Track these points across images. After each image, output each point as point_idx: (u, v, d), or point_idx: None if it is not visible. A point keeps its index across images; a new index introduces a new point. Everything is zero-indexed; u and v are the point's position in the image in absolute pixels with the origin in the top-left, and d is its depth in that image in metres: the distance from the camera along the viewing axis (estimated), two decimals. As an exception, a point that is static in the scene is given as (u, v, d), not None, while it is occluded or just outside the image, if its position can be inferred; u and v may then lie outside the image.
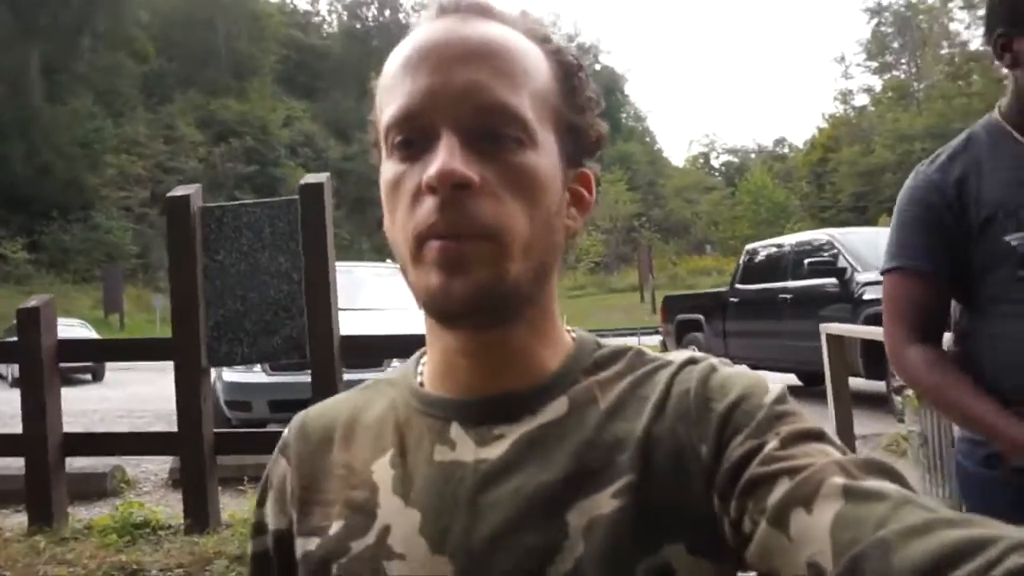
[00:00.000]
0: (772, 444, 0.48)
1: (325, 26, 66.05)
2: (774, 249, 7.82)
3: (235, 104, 49.22)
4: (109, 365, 13.46)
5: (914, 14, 52.77)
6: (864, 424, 5.02)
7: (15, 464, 4.44)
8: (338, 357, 3.37)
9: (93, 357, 9.52)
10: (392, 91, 0.55)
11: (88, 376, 13.60)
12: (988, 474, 1.31)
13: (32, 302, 3.48)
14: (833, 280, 6.27)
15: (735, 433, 0.50)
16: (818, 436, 0.49)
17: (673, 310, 8.96)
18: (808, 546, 0.42)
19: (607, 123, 0.61)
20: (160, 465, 4.61)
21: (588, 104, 0.59)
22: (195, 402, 3.35)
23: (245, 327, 3.40)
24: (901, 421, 4.51)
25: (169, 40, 50.30)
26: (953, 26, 49.92)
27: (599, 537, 0.50)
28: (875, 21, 55.20)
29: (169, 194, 3.51)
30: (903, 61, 55.03)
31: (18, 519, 3.65)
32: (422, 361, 0.64)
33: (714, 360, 0.57)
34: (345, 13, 66.43)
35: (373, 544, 0.55)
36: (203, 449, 3.33)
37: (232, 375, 5.34)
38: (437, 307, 0.53)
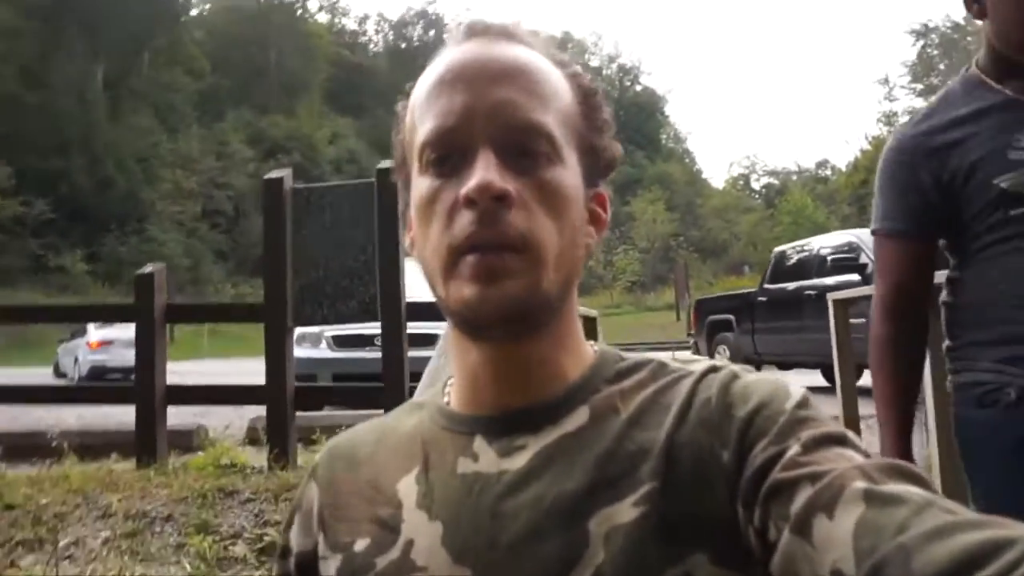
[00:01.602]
0: (794, 449, 0.48)
1: (371, 45, 67.94)
2: (801, 250, 8.22)
3: (284, 121, 50.89)
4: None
5: (961, 36, 52.38)
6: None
7: (118, 419, 5.06)
8: (404, 318, 3.91)
9: (197, 318, 10.51)
10: (426, 110, 0.58)
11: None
12: (984, 414, 1.30)
13: (148, 268, 4.10)
14: (855, 276, 6.64)
15: (757, 439, 0.50)
16: (840, 440, 0.49)
17: (704, 311, 9.38)
18: (831, 552, 0.42)
19: (648, 143, 0.78)
20: (238, 424, 5.19)
21: (605, 126, 0.62)
22: (280, 358, 3.91)
23: (326, 292, 3.96)
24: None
25: (223, 58, 52.29)
26: (1000, 47, 49.38)
27: (620, 546, 0.50)
28: (921, 43, 54.89)
29: (266, 176, 4.12)
30: (949, 83, 54.44)
31: (122, 465, 4.24)
32: (449, 382, 0.66)
33: (735, 368, 0.58)
34: (391, 33, 68.32)
35: (397, 559, 0.56)
36: (286, 399, 3.88)
37: (300, 351, 5.92)
38: (471, 316, 0.55)
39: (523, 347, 0.57)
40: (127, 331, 14.73)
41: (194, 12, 56.35)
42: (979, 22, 1.35)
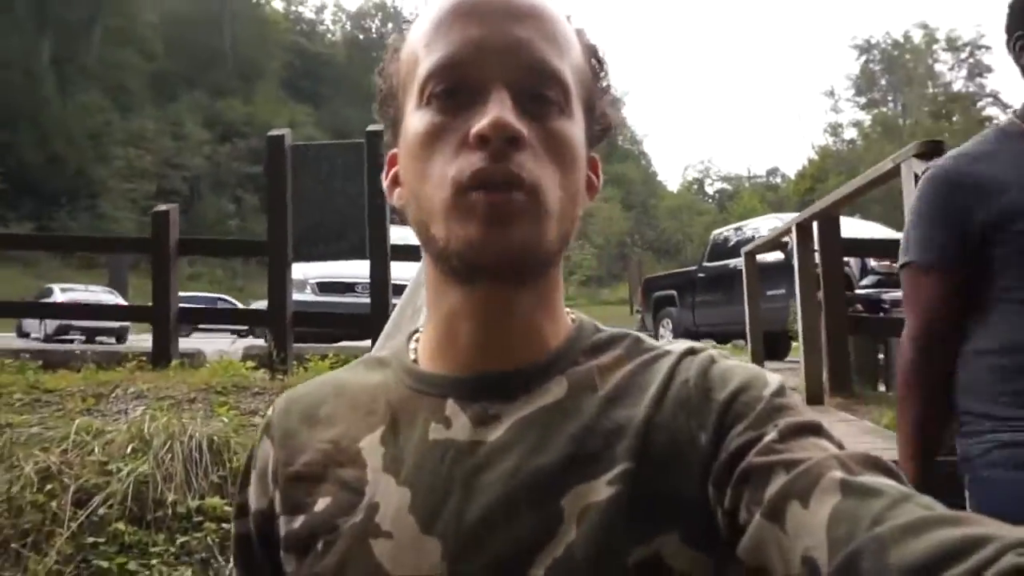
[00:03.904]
0: (771, 436, 0.48)
1: (329, 35, 67.69)
2: (734, 232, 9.16)
3: (240, 106, 50.49)
4: (133, 328, 14.47)
5: (900, 53, 54.96)
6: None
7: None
8: (389, 257, 4.60)
9: (208, 252, 11.18)
10: (435, 39, 0.54)
11: (112, 339, 14.62)
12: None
13: (162, 207, 4.70)
14: (780, 253, 7.53)
15: (735, 423, 0.50)
16: (816, 430, 0.49)
17: (650, 289, 10.27)
18: (803, 540, 0.42)
19: (604, 144, 0.62)
20: (233, 348, 5.81)
21: (607, 89, 0.61)
22: (282, 286, 4.58)
23: (321, 233, 4.62)
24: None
25: (176, 40, 51.53)
26: (937, 67, 52.13)
27: (592, 524, 0.49)
28: (863, 58, 57.48)
29: (269, 133, 4.75)
30: (890, 98, 57.11)
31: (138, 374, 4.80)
32: (415, 338, 0.64)
33: (713, 352, 0.57)
34: (349, 23, 68.15)
35: (360, 522, 0.54)
36: (286, 320, 4.54)
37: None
38: (473, 257, 0.52)
39: (510, 296, 0.55)
40: (91, 295, 15.01)
41: (148, -8, 55.44)
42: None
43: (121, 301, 15.32)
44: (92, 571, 2.34)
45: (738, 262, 8.37)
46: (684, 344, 0.59)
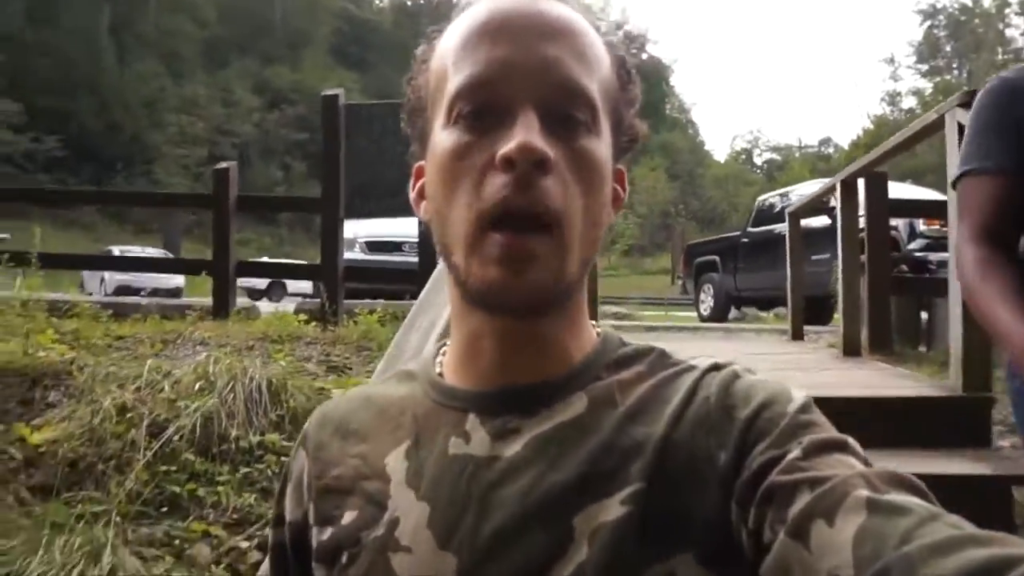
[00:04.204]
0: (795, 453, 0.47)
1: (376, 1, 67.76)
2: (780, 199, 9.05)
3: (288, 73, 51.04)
4: (187, 292, 15.02)
5: (969, 18, 52.62)
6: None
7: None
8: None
9: (266, 207, 12.14)
10: (463, 58, 0.54)
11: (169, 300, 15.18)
12: None
13: (222, 164, 4.91)
14: (826, 218, 7.44)
15: (757, 441, 0.50)
16: (842, 447, 0.48)
17: (693, 254, 10.26)
18: (829, 559, 0.41)
19: (652, 112, 1.04)
20: (287, 305, 6.06)
21: (635, 101, 0.61)
22: (335, 242, 4.75)
23: (373, 191, 4.77)
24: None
25: (228, 8, 52.18)
26: (1009, 32, 49.83)
27: (603, 544, 0.49)
28: (928, 23, 55.17)
29: (323, 93, 4.89)
30: (955, 65, 54.85)
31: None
32: (442, 351, 0.64)
33: (737, 367, 0.56)
34: (397, -11, 68.03)
35: (382, 536, 0.55)
36: (338, 274, 4.73)
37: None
38: (492, 300, 0.53)
39: (533, 326, 0.56)
40: (149, 254, 15.62)
41: (200, -40, 56.08)
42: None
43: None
44: (166, 495, 2.55)
45: (783, 227, 8.30)
46: (709, 360, 0.58)
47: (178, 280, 14.57)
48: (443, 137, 0.55)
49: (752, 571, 0.47)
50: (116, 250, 15.29)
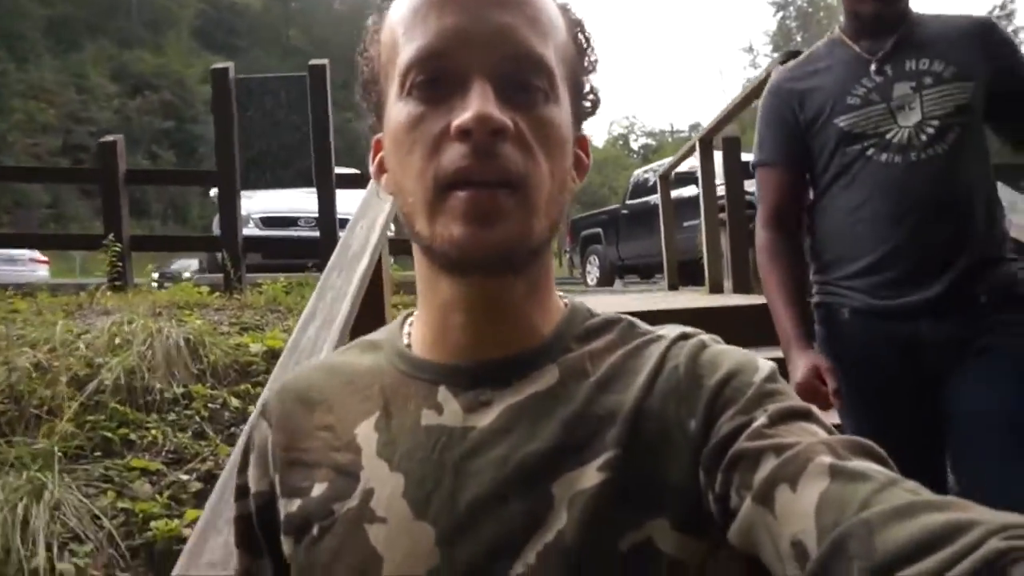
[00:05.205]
0: (761, 420, 0.48)
1: (241, -17, 64.86)
2: (653, 174, 9.74)
3: (150, 57, 48.12)
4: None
5: (815, 10, 56.81)
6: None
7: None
8: (334, 185, 4.91)
9: (155, 182, 11.79)
10: (413, 25, 0.53)
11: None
12: (823, 331, 1.54)
13: (109, 137, 4.85)
14: (694, 187, 8.13)
15: (725, 408, 0.51)
16: (805, 415, 0.50)
17: (578, 228, 10.85)
18: (793, 523, 0.43)
19: None
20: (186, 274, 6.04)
21: (593, 66, 0.60)
22: (233, 213, 4.83)
23: (268, 162, 4.88)
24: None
25: (76, -14, 48.53)
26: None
27: (582, 510, 0.50)
28: (780, 14, 59.16)
29: (212, 67, 4.94)
30: (805, 53, 59.10)
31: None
32: (408, 322, 0.64)
33: (704, 336, 0.58)
34: (265, -30, 65.37)
35: (356, 507, 0.55)
36: (238, 244, 4.81)
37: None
38: (459, 257, 0.52)
39: (501, 288, 0.55)
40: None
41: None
42: None
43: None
44: (97, 441, 2.66)
45: (657, 199, 8.98)
46: (677, 329, 0.59)
47: (42, 272, 13.70)
48: (397, 109, 0.54)
49: (723, 535, 0.48)
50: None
